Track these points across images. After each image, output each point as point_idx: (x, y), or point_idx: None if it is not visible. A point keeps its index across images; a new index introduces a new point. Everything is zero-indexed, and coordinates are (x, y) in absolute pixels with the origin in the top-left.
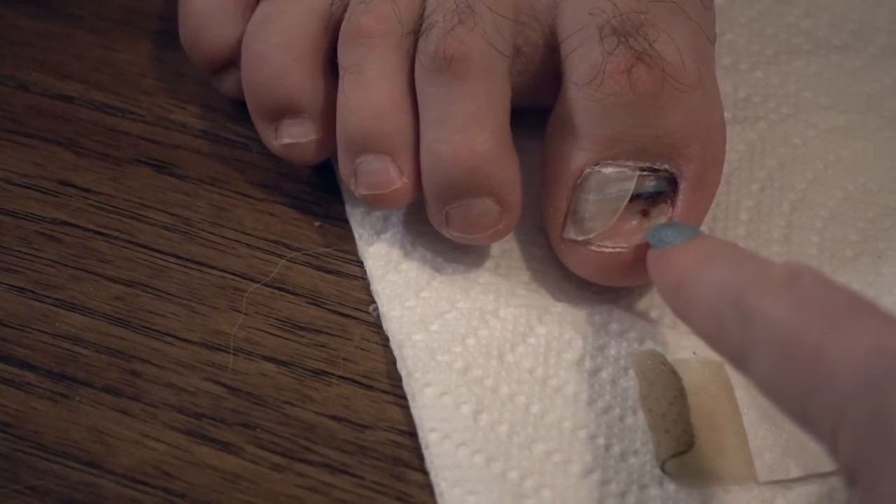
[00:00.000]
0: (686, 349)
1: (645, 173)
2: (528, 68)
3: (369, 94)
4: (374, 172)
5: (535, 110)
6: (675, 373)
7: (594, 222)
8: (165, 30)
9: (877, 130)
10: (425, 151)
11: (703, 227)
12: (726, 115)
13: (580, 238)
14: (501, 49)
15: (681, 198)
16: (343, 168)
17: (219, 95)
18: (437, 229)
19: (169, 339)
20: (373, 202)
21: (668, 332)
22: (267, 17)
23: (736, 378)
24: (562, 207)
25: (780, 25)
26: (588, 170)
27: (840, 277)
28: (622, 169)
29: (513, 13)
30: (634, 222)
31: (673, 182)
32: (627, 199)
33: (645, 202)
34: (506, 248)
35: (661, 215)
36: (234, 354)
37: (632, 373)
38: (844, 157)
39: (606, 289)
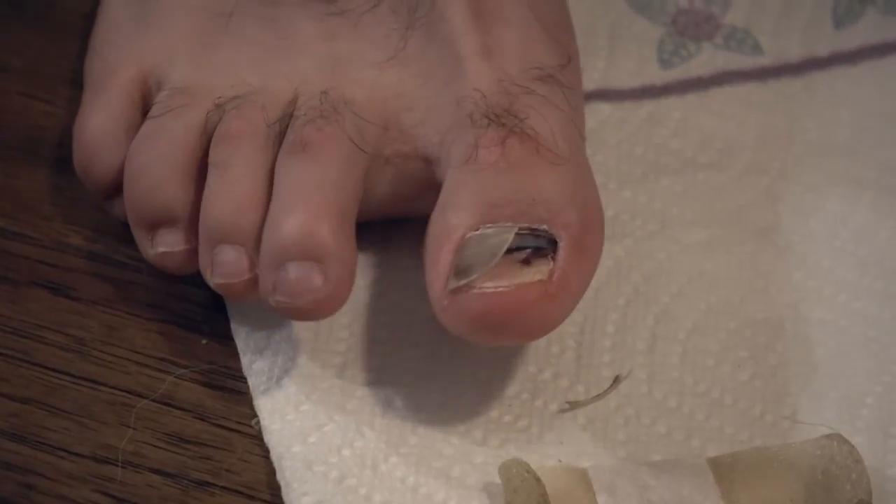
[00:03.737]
0: (551, 457)
1: (525, 231)
2: (397, 178)
3: (231, 188)
4: (227, 263)
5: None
6: (538, 480)
7: (474, 266)
8: (63, 157)
9: (740, 244)
10: (267, 220)
11: (571, 340)
12: None
13: (462, 283)
14: (360, 145)
15: (562, 255)
16: (202, 258)
17: (111, 220)
18: (264, 299)
19: (61, 453)
20: (224, 291)
21: (533, 441)
22: (148, 133)
23: (599, 484)
24: (444, 271)
25: (648, 146)
26: (469, 234)
27: (700, 385)
28: (502, 227)
29: (380, 121)
30: (516, 268)
31: (553, 243)
32: (507, 245)
33: (527, 253)
34: (383, 364)
35: (543, 265)
36: (122, 467)
37: (499, 479)
38: (708, 271)
39: (472, 399)
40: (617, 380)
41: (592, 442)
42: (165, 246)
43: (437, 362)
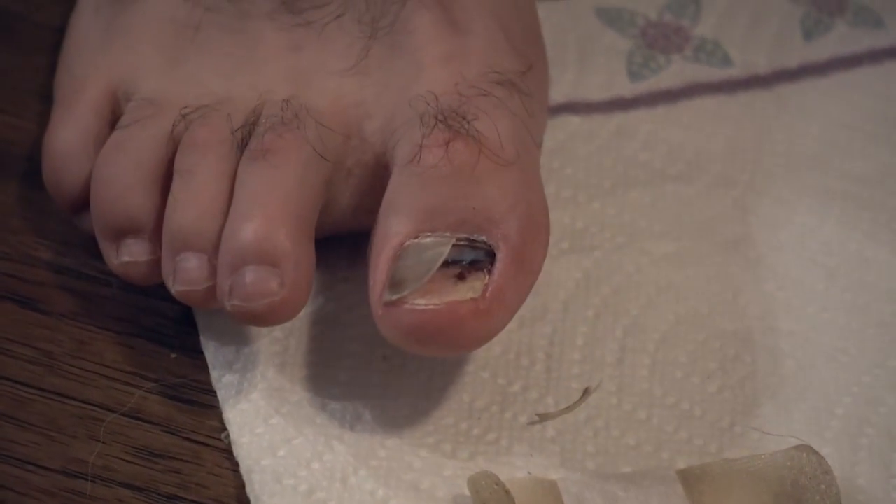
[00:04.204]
0: (521, 469)
1: (462, 243)
2: (360, 189)
3: (195, 195)
4: (189, 270)
5: None
6: (508, 492)
7: (407, 280)
8: (32, 170)
9: (708, 256)
10: (226, 225)
11: (541, 352)
12: (564, 245)
13: (395, 297)
14: (321, 152)
15: (498, 268)
16: (164, 266)
17: (81, 233)
18: (221, 304)
19: (30, 467)
20: (186, 298)
21: (502, 454)
22: (116, 143)
23: (568, 495)
24: (382, 277)
25: (618, 158)
26: (408, 242)
27: (669, 397)
28: (440, 239)
29: (342, 129)
30: (449, 284)
31: (491, 254)
32: (442, 259)
33: (462, 267)
34: (352, 377)
35: (477, 282)
36: (91, 481)
37: (468, 491)
38: (677, 283)
39: (441, 412)
40: (586, 392)
41: (562, 454)
42: (130, 256)
43: (406, 375)
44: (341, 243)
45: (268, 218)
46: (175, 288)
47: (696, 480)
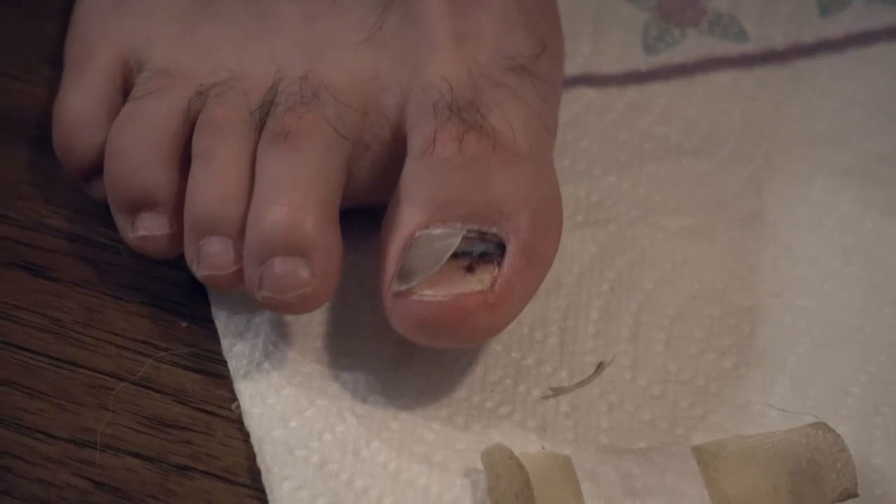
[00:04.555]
0: (534, 443)
1: (473, 235)
2: (377, 164)
3: (216, 178)
4: (214, 254)
5: None
6: (521, 466)
7: (416, 271)
8: (42, 136)
9: (723, 232)
10: (250, 213)
11: (554, 326)
12: (578, 218)
13: (403, 288)
14: (342, 132)
15: (507, 261)
16: (188, 250)
17: (91, 201)
18: (251, 294)
19: (39, 435)
20: (212, 283)
21: (515, 427)
22: (130, 115)
23: (582, 471)
24: (392, 267)
25: (633, 131)
26: (419, 233)
27: (684, 373)
28: (451, 230)
29: (360, 105)
30: (458, 276)
31: (501, 247)
32: (451, 251)
33: (472, 259)
34: (364, 348)
35: (485, 274)
36: (101, 450)
37: (481, 465)
38: (692, 258)
39: (454, 385)
40: (600, 366)
41: (575, 429)
42: (146, 230)
43: (419, 347)
44: (353, 213)
45: (294, 206)
46: (200, 272)
47: (711, 457)
